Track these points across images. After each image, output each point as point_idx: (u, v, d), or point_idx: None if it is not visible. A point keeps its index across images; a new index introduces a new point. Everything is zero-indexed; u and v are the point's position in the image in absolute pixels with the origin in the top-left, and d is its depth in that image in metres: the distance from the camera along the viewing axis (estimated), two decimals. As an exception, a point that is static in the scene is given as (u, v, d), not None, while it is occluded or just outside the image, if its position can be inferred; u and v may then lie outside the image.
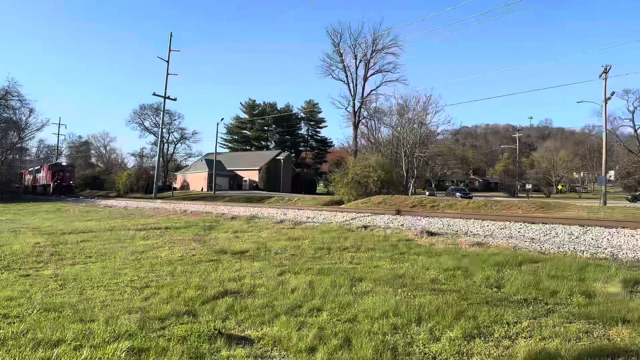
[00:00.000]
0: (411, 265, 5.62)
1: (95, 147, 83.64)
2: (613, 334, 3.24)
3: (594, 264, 5.42)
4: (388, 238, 7.99)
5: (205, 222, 11.61)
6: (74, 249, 7.54)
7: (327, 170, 51.25)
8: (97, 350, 2.93)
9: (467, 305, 3.85)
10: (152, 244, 8.02)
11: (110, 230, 10.27)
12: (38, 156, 69.65)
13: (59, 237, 9.07)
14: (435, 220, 9.93)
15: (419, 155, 46.64)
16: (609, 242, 6.89)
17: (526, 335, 3.25)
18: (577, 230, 7.80)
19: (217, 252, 6.89)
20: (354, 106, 50.44)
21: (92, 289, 4.64)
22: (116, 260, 6.42)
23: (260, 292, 4.43)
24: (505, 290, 4.40)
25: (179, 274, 5.40)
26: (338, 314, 3.73)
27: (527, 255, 6.00)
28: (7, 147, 42.30)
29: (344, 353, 2.91)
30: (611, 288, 4.35)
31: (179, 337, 3.18)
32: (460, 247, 6.95)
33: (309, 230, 9.36)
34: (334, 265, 5.76)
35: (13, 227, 11.62)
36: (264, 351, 3.01)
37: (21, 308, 3.91)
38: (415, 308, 3.75)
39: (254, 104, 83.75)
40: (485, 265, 5.40)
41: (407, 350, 2.99)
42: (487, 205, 19.99)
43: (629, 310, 3.65)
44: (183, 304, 4.01)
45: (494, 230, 8.54)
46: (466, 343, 3.09)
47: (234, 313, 3.78)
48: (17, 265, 6.13)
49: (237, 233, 9.31)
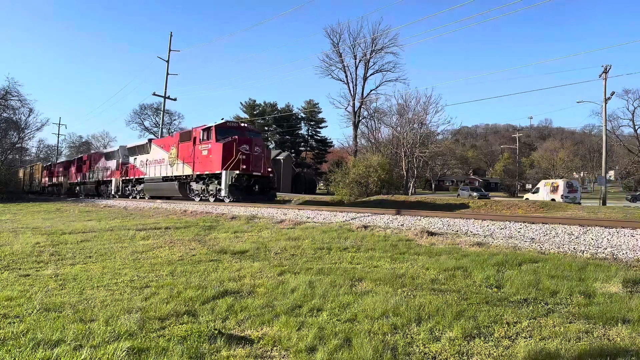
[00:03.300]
0: (411, 265, 5.62)
1: (95, 147, 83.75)
2: (613, 334, 3.24)
3: (594, 264, 5.42)
4: (388, 238, 7.99)
5: (205, 222, 11.61)
6: (74, 248, 7.54)
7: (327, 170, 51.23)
8: (97, 350, 2.94)
9: (467, 305, 3.85)
10: (152, 244, 8.02)
11: (110, 230, 10.27)
12: (38, 156, 69.67)
13: (59, 237, 9.07)
14: (435, 220, 9.93)
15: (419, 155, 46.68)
16: (609, 242, 6.89)
17: (526, 335, 3.25)
18: (577, 230, 7.80)
19: (217, 252, 6.89)
20: (354, 106, 50.43)
21: (92, 289, 4.64)
22: (116, 260, 6.42)
23: (260, 292, 4.43)
24: (505, 290, 4.40)
25: (179, 274, 5.41)
26: (338, 313, 3.73)
27: (527, 255, 6.01)
28: (7, 147, 42.26)
29: (344, 353, 2.91)
30: (611, 288, 4.35)
31: (179, 337, 3.18)
32: (460, 247, 6.95)
33: (309, 230, 9.35)
34: (334, 265, 5.76)
35: (13, 227, 11.62)
36: (264, 351, 3.01)
37: (21, 308, 3.91)
38: (415, 308, 3.75)
39: (254, 104, 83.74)
40: (485, 265, 5.41)
41: (407, 350, 2.99)
42: (487, 205, 20.01)
43: (629, 310, 3.66)
44: (183, 304, 4.01)
45: (494, 230, 8.54)
46: (466, 343, 3.09)
47: (234, 313, 3.79)
48: (17, 265, 6.13)
49: (237, 233, 9.31)
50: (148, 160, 24.28)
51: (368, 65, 51.00)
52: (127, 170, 26.81)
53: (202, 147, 18.95)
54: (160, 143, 23.78)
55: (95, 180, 31.80)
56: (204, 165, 18.69)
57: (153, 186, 23.49)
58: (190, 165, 19.81)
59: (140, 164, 25.26)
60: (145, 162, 24.48)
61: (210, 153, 18.30)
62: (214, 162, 17.94)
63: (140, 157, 25.27)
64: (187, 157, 20.19)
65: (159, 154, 23.30)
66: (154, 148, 24.01)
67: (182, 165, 20.57)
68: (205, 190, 19.14)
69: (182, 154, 20.75)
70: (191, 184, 20.25)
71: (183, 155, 20.56)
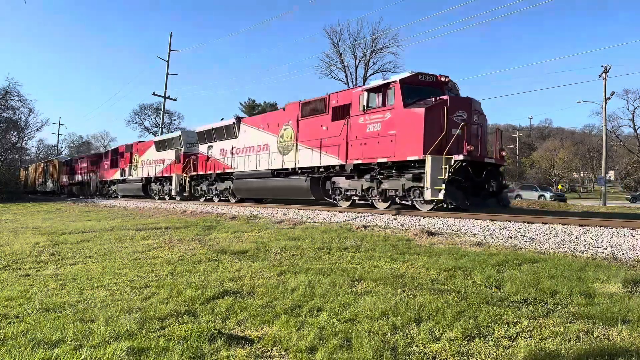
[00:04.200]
0: (411, 265, 5.62)
1: (95, 147, 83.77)
2: (613, 334, 3.24)
3: (594, 264, 5.42)
4: (388, 238, 7.99)
5: (205, 222, 11.61)
6: (74, 248, 7.55)
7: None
8: (97, 350, 2.94)
9: (467, 305, 3.85)
10: (152, 244, 8.03)
11: (110, 230, 10.27)
12: (37, 156, 69.70)
13: (59, 237, 9.08)
14: (435, 220, 9.93)
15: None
16: (609, 242, 6.89)
17: (526, 335, 3.25)
18: (577, 230, 7.80)
19: (217, 252, 6.89)
20: (355, 106, 50.26)
21: (92, 289, 4.65)
22: (116, 260, 6.42)
23: (260, 292, 4.43)
24: (505, 290, 4.41)
25: (179, 273, 5.41)
26: (338, 313, 3.73)
27: (527, 255, 6.01)
28: (7, 147, 42.26)
29: (344, 353, 2.91)
30: (611, 288, 4.35)
31: (179, 337, 3.18)
32: (460, 247, 6.95)
33: (309, 230, 9.36)
34: (334, 265, 5.76)
35: (13, 227, 11.62)
36: (264, 351, 3.01)
37: (21, 308, 3.91)
38: (415, 308, 3.75)
39: (254, 104, 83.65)
40: (485, 265, 5.41)
41: (406, 350, 2.99)
42: (487, 205, 19.99)
43: (629, 310, 3.65)
44: (183, 304, 4.01)
45: (494, 230, 8.54)
46: (466, 343, 3.09)
47: (234, 313, 3.79)
48: (17, 265, 6.14)
49: (237, 233, 9.31)
50: (236, 148, 18.09)
51: (368, 65, 51.04)
52: (196, 162, 20.89)
53: (367, 118, 12.14)
54: (260, 122, 17.47)
55: (141, 177, 25.72)
56: (371, 149, 12.00)
57: (251, 185, 17.11)
58: (332, 151, 13.31)
59: (220, 153, 19.17)
60: (231, 150, 18.39)
61: (390, 127, 11.47)
62: (399, 142, 11.23)
63: (221, 144, 19.21)
64: (325, 137, 13.56)
65: (258, 137, 16.95)
66: (247, 130, 17.75)
67: (309, 152, 14.21)
68: (374, 190, 12.41)
69: (307, 133, 14.45)
70: (335, 180, 13.82)
71: (310, 135, 14.26)
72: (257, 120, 17.90)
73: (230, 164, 18.44)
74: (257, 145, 16.99)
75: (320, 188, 14.27)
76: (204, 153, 20.48)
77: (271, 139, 16.20)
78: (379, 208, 12.35)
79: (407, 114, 11.06)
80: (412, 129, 10.90)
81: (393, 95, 11.51)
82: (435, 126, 10.51)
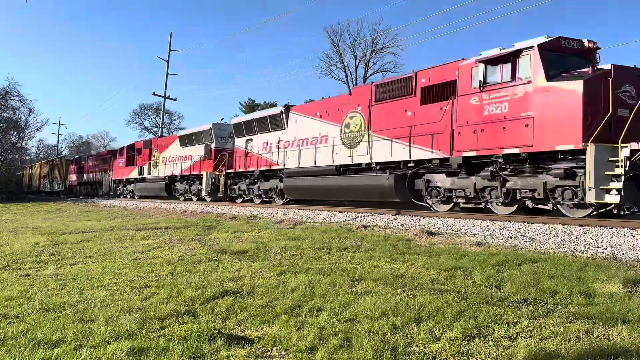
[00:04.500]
0: (411, 265, 5.62)
1: (95, 147, 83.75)
2: (613, 334, 3.24)
3: (594, 264, 5.42)
4: (388, 238, 8.00)
5: (205, 222, 11.62)
6: (74, 248, 7.55)
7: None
8: (97, 350, 2.94)
9: (467, 305, 3.85)
10: (152, 243, 8.03)
11: (110, 230, 10.28)
12: (37, 156, 69.72)
13: (59, 237, 9.08)
14: (435, 220, 9.94)
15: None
16: (609, 242, 6.89)
17: (526, 335, 3.25)
18: (577, 230, 7.80)
19: (217, 252, 6.89)
20: (355, 106, 50.26)
21: (92, 289, 4.65)
22: (116, 260, 6.42)
23: (260, 292, 4.43)
24: (505, 290, 4.41)
25: (179, 273, 5.41)
26: (338, 313, 3.73)
27: (527, 255, 6.01)
28: (7, 147, 42.27)
29: (344, 353, 2.91)
30: (611, 288, 4.35)
31: (179, 337, 3.18)
32: (460, 247, 6.96)
33: (309, 230, 9.36)
34: (334, 265, 5.76)
35: (13, 227, 11.63)
36: (264, 351, 3.02)
37: (21, 308, 3.91)
38: (415, 308, 3.75)
39: (254, 104, 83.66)
40: (485, 265, 5.41)
41: (406, 350, 2.99)
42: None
43: (629, 310, 3.66)
44: (183, 304, 4.01)
45: (494, 230, 8.54)
46: (466, 343, 3.10)
47: (234, 313, 3.79)
48: (17, 265, 6.14)
49: (237, 233, 9.31)
50: (284, 141, 15.65)
51: (368, 65, 50.93)
52: (232, 158, 18.50)
53: (484, 97, 9.54)
54: (316, 109, 14.82)
55: (164, 176, 23.01)
56: (492, 137, 9.43)
57: (308, 183, 14.41)
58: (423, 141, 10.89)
59: (263, 147, 16.69)
60: (277, 143, 15.96)
61: (524, 107, 8.92)
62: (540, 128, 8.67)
63: (264, 137, 16.76)
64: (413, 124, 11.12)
65: (315, 127, 14.43)
66: (298, 120, 15.22)
67: (387, 143, 11.79)
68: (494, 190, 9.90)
69: (384, 121, 12.04)
70: (429, 177, 11.27)
71: (389, 123, 11.86)
72: (312, 108, 15.34)
73: (277, 160, 15.80)
74: (313, 137, 14.40)
75: (406, 187, 11.58)
76: (242, 147, 17.78)
77: (332, 129, 13.66)
78: (498, 214, 9.94)
79: (553, 90, 8.48)
80: (563, 110, 8.33)
81: (529, 66, 8.90)
82: (595, 106, 8.07)
